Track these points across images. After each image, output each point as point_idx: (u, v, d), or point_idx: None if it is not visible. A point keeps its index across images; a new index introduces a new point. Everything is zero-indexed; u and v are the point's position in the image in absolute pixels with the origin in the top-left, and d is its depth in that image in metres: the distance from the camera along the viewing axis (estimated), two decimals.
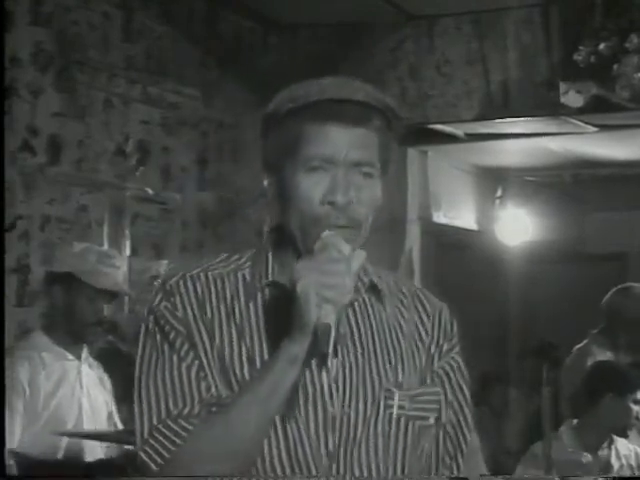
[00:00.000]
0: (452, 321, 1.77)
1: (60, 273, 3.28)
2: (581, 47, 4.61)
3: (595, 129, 5.23)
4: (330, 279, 1.48)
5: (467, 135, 5.55)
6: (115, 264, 3.33)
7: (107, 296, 3.29)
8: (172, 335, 1.61)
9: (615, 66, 4.55)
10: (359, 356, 1.62)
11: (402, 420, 1.62)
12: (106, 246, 4.23)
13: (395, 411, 1.62)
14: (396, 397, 1.62)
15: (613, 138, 5.53)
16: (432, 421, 1.67)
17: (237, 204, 5.14)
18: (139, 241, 4.53)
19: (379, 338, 1.65)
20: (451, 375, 1.71)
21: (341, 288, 1.49)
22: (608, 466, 3.99)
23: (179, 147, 4.79)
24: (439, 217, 6.02)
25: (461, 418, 1.72)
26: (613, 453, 4.02)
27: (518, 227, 6.56)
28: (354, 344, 1.62)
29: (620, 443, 4.07)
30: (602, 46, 4.57)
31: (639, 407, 3.97)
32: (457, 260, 6.04)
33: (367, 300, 1.67)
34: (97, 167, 4.33)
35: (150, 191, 4.60)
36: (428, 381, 1.68)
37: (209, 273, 1.66)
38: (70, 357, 3.27)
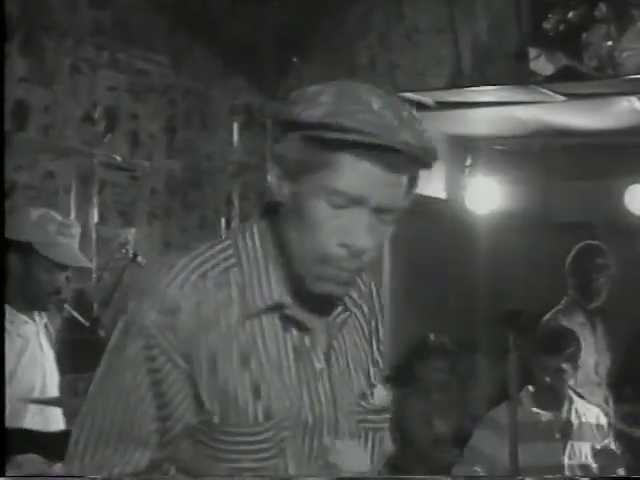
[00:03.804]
0: (379, 295, 1.77)
1: (17, 242, 3.19)
2: (550, 15, 4.61)
3: (564, 98, 5.24)
4: None
5: (437, 103, 5.54)
6: (72, 233, 3.27)
7: (65, 266, 3.25)
8: (161, 363, 1.53)
9: (584, 35, 4.56)
10: (344, 370, 1.63)
11: (370, 432, 1.66)
12: (73, 213, 4.21)
13: (365, 425, 1.65)
14: (367, 415, 1.65)
15: (581, 107, 5.55)
16: (387, 427, 1.71)
17: (206, 172, 5.12)
18: (107, 208, 4.51)
19: (351, 351, 1.66)
20: (380, 363, 1.74)
21: None
22: (568, 424, 4.08)
23: (147, 114, 4.76)
24: None
25: None
26: (573, 414, 4.11)
27: (487, 196, 6.58)
28: (338, 359, 1.63)
29: (579, 403, 4.18)
30: (571, 14, 4.57)
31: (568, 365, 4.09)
32: (426, 229, 6.05)
33: (354, 316, 1.68)
34: (64, 134, 4.30)
35: (118, 158, 4.57)
36: (373, 381, 1.69)
37: (206, 279, 1.55)
38: (29, 321, 3.25)
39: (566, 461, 4.04)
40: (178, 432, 1.55)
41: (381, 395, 1.68)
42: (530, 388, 4.14)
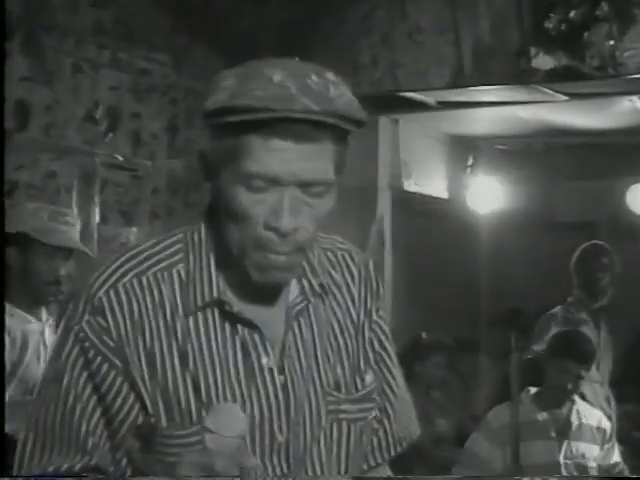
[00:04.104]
0: (377, 276, 1.69)
1: (13, 234, 3.20)
2: (552, 15, 4.61)
3: (566, 98, 5.23)
4: None
5: (438, 103, 5.54)
6: (69, 221, 3.28)
7: (63, 253, 3.25)
8: (98, 365, 1.50)
9: (585, 34, 4.56)
10: (303, 363, 1.56)
11: (344, 423, 1.59)
12: (75, 212, 4.21)
13: (338, 416, 1.58)
14: (340, 405, 1.58)
15: (583, 107, 5.54)
16: (372, 415, 1.64)
17: None
18: (108, 208, 4.51)
19: (320, 340, 1.59)
20: (375, 345, 1.66)
21: None
22: (566, 424, 4.08)
23: (149, 113, 4.76)
24: (410, 185, 6.02)
25: (388, 380, 1.70)
26: (573, 414, 4.11)
27: (489, 195, 6.58)
28: (298, 352, 1.56)
29: (581, 405, 4.18)
30: (573, 14, 4.56)
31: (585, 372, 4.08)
32: (428, 228, 6.05)
33: (314, 304, 1.59)
34: (66, 133, 4.30)
35: (120, 157, 4.57)
36: (362, 366, 1.62)
37: (143, 278, 1.51)
38: (32, 319, 3.25)
39: (562, 460, 4.04)
40: (125, 434, 1.52)
41: (367, 383, 1.62)
42: (531, 389, 4.13)
